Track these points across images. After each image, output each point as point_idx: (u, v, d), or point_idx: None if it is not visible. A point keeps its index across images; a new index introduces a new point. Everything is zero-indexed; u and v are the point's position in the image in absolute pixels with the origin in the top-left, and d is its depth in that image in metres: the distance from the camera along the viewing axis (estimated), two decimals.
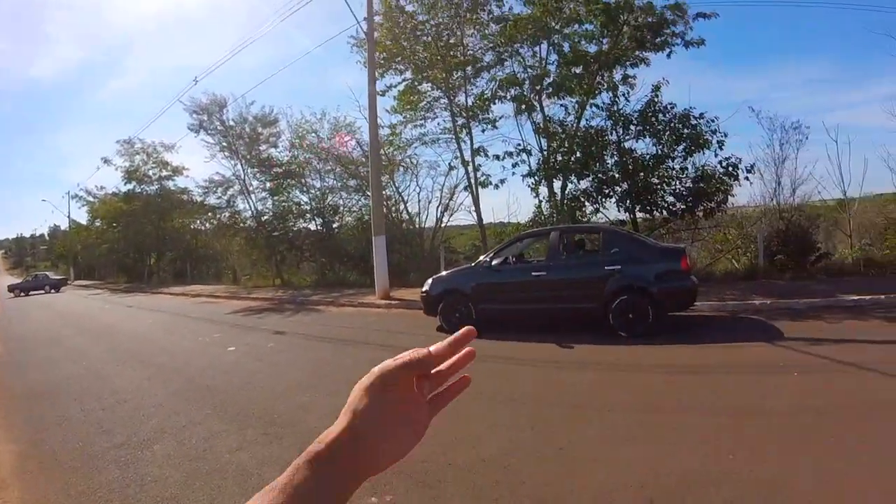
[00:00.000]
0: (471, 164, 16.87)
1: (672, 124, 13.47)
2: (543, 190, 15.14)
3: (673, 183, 13.71)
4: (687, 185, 13.58)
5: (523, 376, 6.16)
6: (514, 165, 15.41)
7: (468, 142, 16.87)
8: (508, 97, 15.12)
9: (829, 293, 9.62)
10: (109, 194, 37.81)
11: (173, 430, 4.72)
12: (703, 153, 13.47)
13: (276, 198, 23.83)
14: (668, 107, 13.53)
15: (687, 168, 13.61)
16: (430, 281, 9.56)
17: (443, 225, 20.77)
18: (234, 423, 4.81)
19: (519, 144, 15.32)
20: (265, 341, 9.41)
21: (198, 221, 31.66)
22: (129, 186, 34.09)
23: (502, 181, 16.24)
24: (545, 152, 14.92)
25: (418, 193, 20.99)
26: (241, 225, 25.55)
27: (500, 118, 16.94)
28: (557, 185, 14.93)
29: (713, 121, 13.33)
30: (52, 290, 35.67)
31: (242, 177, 24.69)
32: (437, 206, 20.63)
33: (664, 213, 13.72)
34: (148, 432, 4.69)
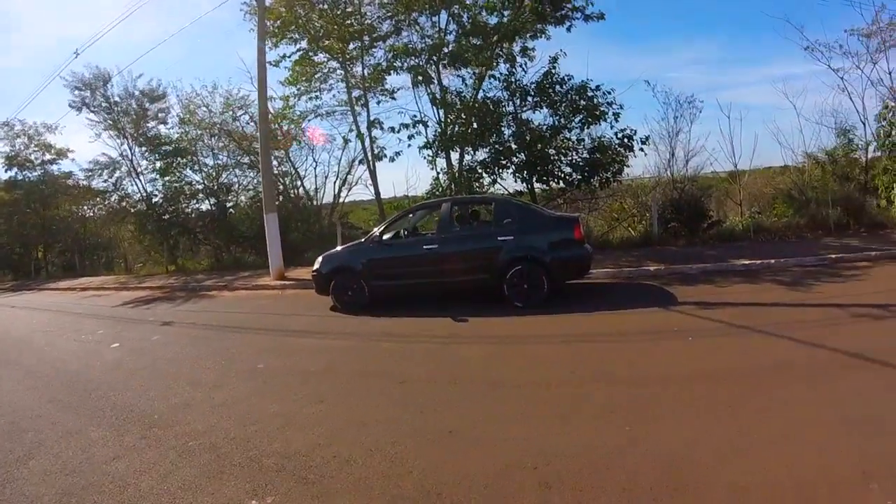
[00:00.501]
0: (367, 136, 16.37)
1: (569, 96, 13.53)
2: (441, 162, 14.89)
3: (569, 154, 13.83)
4: (583, 155, 13.74)
5: (415, 355, 5.85)
6: (410, 137, 15.00)
7: (364, 114, 16.38)
8: (405, 67, 14.67)
9: (721, 258, 9.99)
10: None
11: (51, 442, 4.22)
12: (600, 125, 13.70)
13: (166, 178, 22.02)
14: (566, 78, 13.57)
15: (583, 139, 13.79)
16: (320, 259, 9.08)
17: (341, 200, 20.21)
18: (113, 429, 4.35)
19: (415, 116, 14.93)
20: (150, 334, 8.61)
21: (85, 208, 29.36)
22: (11, 174, 31.05)
23: (398, 153, 15.89)
24: (442, 123, 14.61)
25: (314, 168, 20.35)
26: (130, 209, 23.72)
27: (398, 90, 16.53)
28: (455, 157, 14.72)
29: (609, 93, 13.55)
30: None
31: (130, 157, 22.81)
32: (335, 182, 20.08)
33: (561, 183, 13.80)
34: (25, 447, 4.15)
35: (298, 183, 20.28)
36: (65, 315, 12.77)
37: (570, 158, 13.80)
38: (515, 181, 14.08)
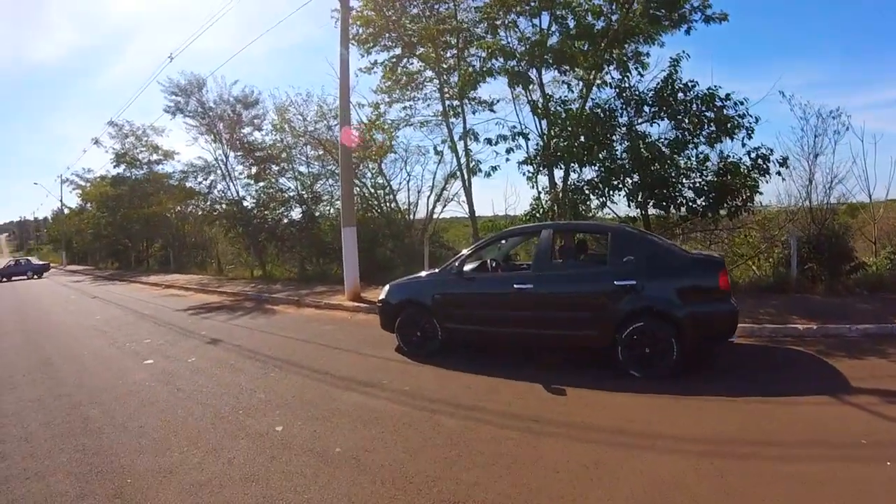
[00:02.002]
0: (461, 148, 14.93)
1: (693, 106, 11.34)
2: (543, 179, 13.06)
3: (692, 175, 11.62)
4: (708, 178, 11.49)
5: (482, 450, 4.09)
6: (508, 151, 13.16)
7: (461, 125, 14.98)
8: (501, 70, 12.98)
9: (882, 316, 7.79)
10: (98, 178, 36.82)
11: (15, 482, 3.80)
12: (729, 142, 11.39)
13: (261, 184, 22.15)
14: (689, 84, 11.33)
15: (710, 158, 11.56)
16: (387, 287, 7.65)
17: (435, 216, 18.93)
18: (79, 485, 3.69)
19: (514, 127, 13.19)
20: (190, 354, 7.77)
21: (183, 207, 30.21)
22: (119, 170, 32.84)
23: (494, 168, 14.17)
24: (545, 136, 12.78)
25: (407, 182, 19.19)
26: (220, 210, 23.93)
27: (497, 101, 15.06)
28: (559, 174, 12.85)
29: (742, 103, 11.16)
30: (35, 276, 34.64)
31: (224, 161, 23.23)
32: (429, 196, 18.86)
33: (683, 210, 11.60)
34: None
35: (391, 196, 19.22)
36: (130, 314, 12.78)
37: (692, 181, 11.63)
38: (629, 205, 12.01)
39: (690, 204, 11.43)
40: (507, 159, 13.37)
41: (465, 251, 7.32)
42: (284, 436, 4.43)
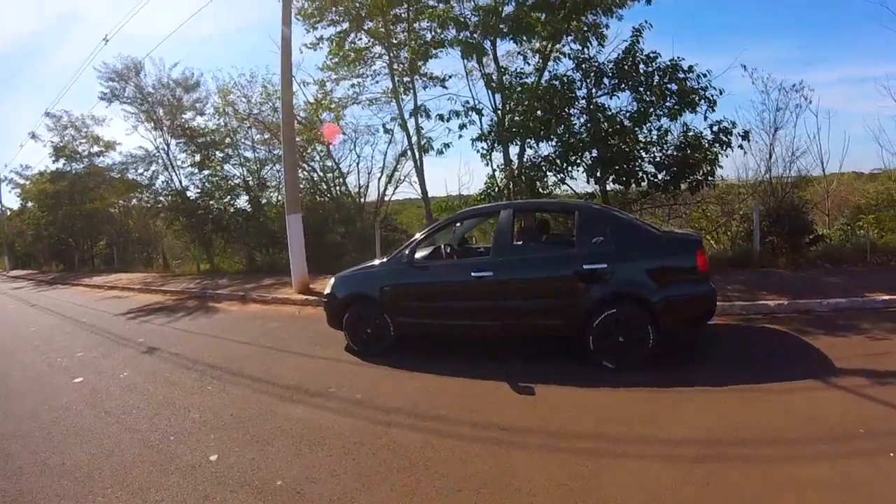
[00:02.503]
0: (412, 125, 14.18)
1: (655, 78, 10.89)
2: (498, 157, 12.44)
3: (652, 149, 11.21)
4: (668, 152, 11.13)
5: (445, 473, 3.47)
6: (461, 127, 12.39)
7: (412, 102, 14.20)
8: (454, 41, 12.17)
9: (849, 290, 7.66)
10: (37, 174, 34.53)
11: None
12: (688, 116, 11.00)
13: (205, 172, 20.77)
14: (652, 56, 10.86)
15: (671, 132, 11.15)
16: (332, 280, 6.88)
17: (387, 199, 18.20)
18: None
19: (467, 102, 12.48)
20: (123, 368, 6.84)
21: (126, 201, 28.58)
22: (59, 164, 30.68)
23: (446, 146, 13.40)
24: (499, 111, 12.15)
25: (357, 164, 18.36)
26: (164, 203, 22.59)
27: (450, 77, 14.32)
28: (514, 151, 12.23)
29: (705, 76, 10.77)
30: None
31: (166, 149, 21.81)
32: (379, 178, 18.11)
33: (643, 185, 11.21)
34: None
35: (340, 180, 18.38)
36: (68, 322, 11.61)
37: (651, 155, 11.23)
38: (588, 181, 11.52)
39: (651, 178, 11.05)
40: (460, 136, 12.62)
41: (417, 236, 6.63)
42: (219, 467, 3.73)
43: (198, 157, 20.66)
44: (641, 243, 5.40)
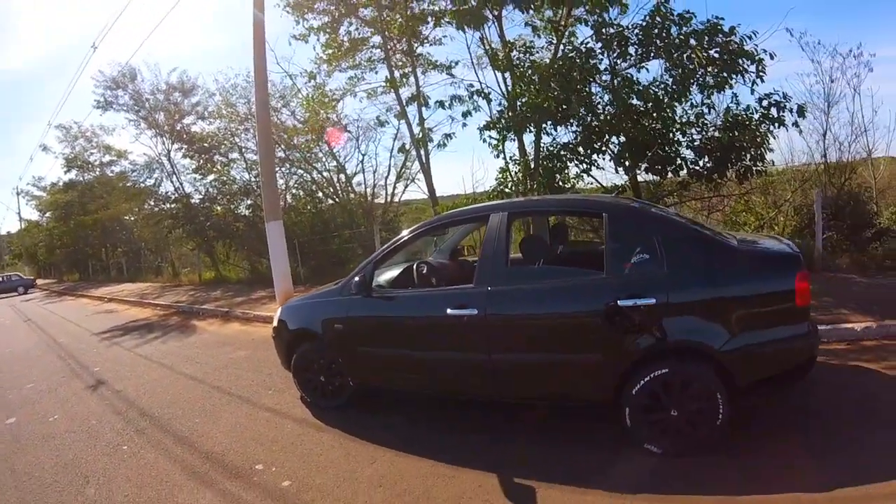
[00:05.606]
0: (412, 115, 12.76)
1: (691, 41, 8.91)
2: (511, 146, 10.64)
3: (689, 131, 9.41)
4: (710, 133, 9.31)
5: None
6: (465, 115, 10.67)
7: (411, 91, 12.74)
8: (450, 14, 10.46)
9: None
10: (50, 185, 34.49)
11: None
12: (730, 91, 9.10)
13: (210, 178, 20.06)
14: (686, 15, 8.92)
15: (715, 107, 9.32)
16: (280, 309, 5.28)
17: (396, 199, 16.79)
18: None
19: (471, 86, 10.82)
20: (59, 407, 5.79)
21: (140, 208, 27.93)
22: (71, 175, 30.39)
23: (449, 136, 11.98)
24: (508, 94, 10.29)
25: (362, 162, 17.02)
26: (166, 209, 21.82)
27: (455, 64, 12.74)
28: (529, 139, 10.42)
29: (751, 38, 8.74)
30: (24, 291, 31.62)
31: (168, 155, 21.23)
32: (386, 177, 16.73)
33: (682, 173, 9.42)
34: None
35: (343, 178, 17.07)
36: (44, 344, 10.69)
37: (689, 137, 9.42)
38: (616, 170, 9.78)
39: (691, 166, 9.27)
40: (465, 124, 11.07)
41: (375, 253, 4.70)
42: None
43: (200, 161, 19.85)
44: (708, 261, 3.40)
